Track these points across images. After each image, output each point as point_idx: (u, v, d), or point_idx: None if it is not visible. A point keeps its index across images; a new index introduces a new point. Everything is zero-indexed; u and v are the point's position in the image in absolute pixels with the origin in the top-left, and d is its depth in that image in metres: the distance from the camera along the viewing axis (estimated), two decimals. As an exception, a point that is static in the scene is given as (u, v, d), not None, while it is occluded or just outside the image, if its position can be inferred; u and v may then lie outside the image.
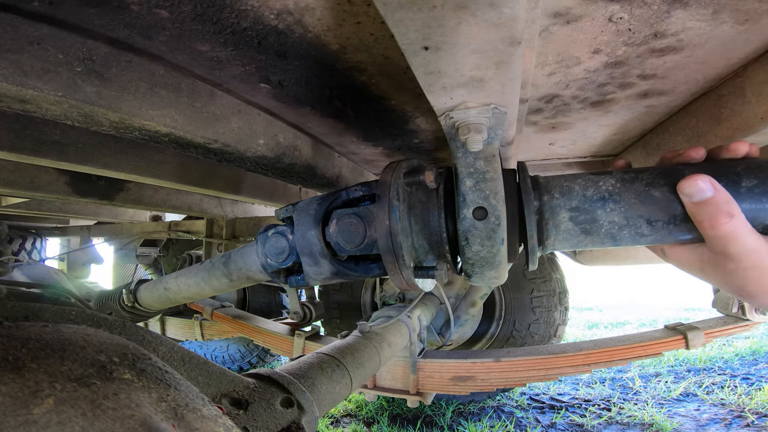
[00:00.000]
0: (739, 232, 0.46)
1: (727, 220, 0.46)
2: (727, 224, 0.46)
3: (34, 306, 0.45)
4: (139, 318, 1.43)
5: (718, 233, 0.47)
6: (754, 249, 0.46)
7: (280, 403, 0.62)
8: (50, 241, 3.23)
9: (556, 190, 0.58)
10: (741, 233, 0.46)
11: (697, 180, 0.48)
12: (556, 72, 0.78)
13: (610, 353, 1.52)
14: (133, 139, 0.71)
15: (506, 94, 0.48)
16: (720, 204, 0.47)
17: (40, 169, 1.35)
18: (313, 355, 0.89)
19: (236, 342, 3.04)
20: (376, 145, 1.25)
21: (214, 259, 0.91)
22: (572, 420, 2.50)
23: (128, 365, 0.37)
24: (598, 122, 1.09)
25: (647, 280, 7.08)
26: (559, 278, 2.27)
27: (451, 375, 1.58)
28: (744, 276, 0.48)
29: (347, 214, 0.65)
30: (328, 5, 0.54)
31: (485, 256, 0.57)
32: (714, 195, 0.48)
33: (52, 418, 0.28)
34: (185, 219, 2.62)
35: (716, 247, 0.49)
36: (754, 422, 2.35)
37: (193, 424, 0.35)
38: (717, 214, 0.47)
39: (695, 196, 0.48)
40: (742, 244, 0.46)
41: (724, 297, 1.62)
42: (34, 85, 0.52)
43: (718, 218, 0.47)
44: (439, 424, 2.49)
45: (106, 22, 0.56)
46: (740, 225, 0.47)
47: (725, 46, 0.69)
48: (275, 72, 0.74)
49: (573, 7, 0.57)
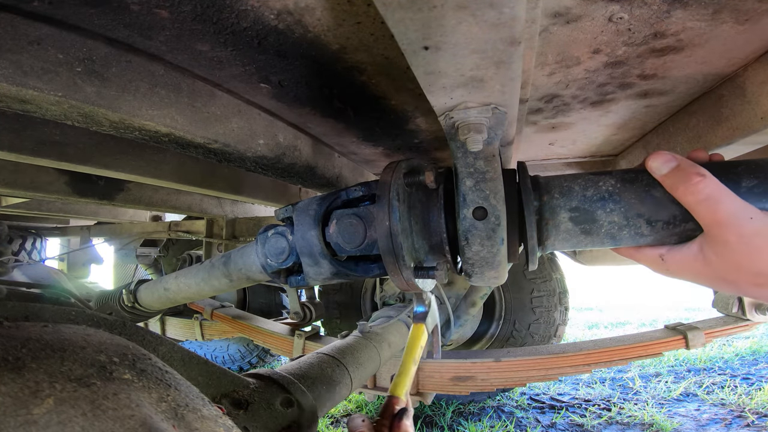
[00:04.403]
0: (720, 192, 0.47)
1: (700, 179, 0.48)
2: (701, 182, 0.48)
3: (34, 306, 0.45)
4: (139, 318, 1.43)
5: (698, 197, 0.48)
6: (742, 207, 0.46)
7: (280, 403, 0.62)
8: (50, 241, 3.23)
9: (556, 190, 0.58)
10: (721, 192, 0.47)
11: (660, 153, 0.52)
12: (556, 72, 0.78)
13: (610, 353, 1.52)
14: (133, 139, 0.71)
15: (506, 94, 0.48)
16: (686, 167, 0.50)
17: (40, 169, 1.35)
18: (313, 355, 0.89)
19: (236, 342, 3.04)
20: (376, 145, 1.25)
21: (214, 259, 0.91)
22: (572, 420, 2.50)
23: (128, 365, 0.37)
24: (598, 122, 1.09)
25: (647, 280, 7.08)
26: (559, 278, 2.27)
27: (451, 375, 1.58)
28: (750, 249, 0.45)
29: (347, 214, 0.65)
30: (328, 5, 0.54)
31: (485, 256, 0.57)
32: (679, 162, 0.50)
33: (52, 418, 0.28)
34: (185, 219, 2.62)
35: (706, 218, 0.48)
36: (754, 422, 2.35)
37: (193, 424, 0.35)
38: (687, 176, 0.49)
39: (663, 168, 0.51)
40: (727, 203, 0.46)
41: (724, 297, 1.61)
42: (34, 85, 0.52)
43: (690, 178, 0.48)
44: (439, 424, 2.49)
45: (106, 22, 0.56)
46: (717, 185, 0.48)
47: (725, 46, 0.69)
48: (275, 72, 0.74)
49: (573, 7, 0.57)
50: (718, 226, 0.47)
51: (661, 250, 0.56)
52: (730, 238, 0.46)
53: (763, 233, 0.45)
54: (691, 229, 0.52)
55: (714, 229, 0.48)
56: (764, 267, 0.46)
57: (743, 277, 0.48)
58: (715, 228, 0.48)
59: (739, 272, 0.48)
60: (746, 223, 0.45)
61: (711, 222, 0.48)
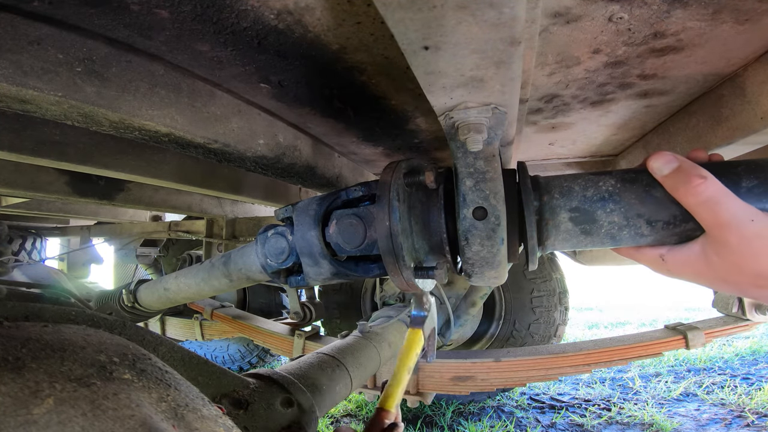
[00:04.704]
0: (721, 193, 0.47)
1: (701, 181, 0.48)
2: (702, 184, 0.48)
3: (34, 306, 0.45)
4: (139, 318, 1.43)
5: (699, 198, 0.48)
6: (743, 209, 0.46)
7: (280, 403, 0.62)
8: (50, 241, 3.23)
9: (556, 190, 0.58)
10: (723, 194, 0.47)
11: (662, 154, 0.51)
12: (556, 72, 0.78)
13: (610, 353, 1.52)
14: (133, 139, 0.71)
15: (506, 94, 0.48)
16: (688, 169, 0.49)
17: (40, 169, 1.35)
18: (313, 355, 0.89)
19: (236, 342, 3.04)
20: (376, 145, 1.25)
21: (214, 259, 0.91)
22: (572, 420, 2.50)
23: (128, 365, 0.37)
24: (598, 122, 1.09)
25: (647, 280, 7.08)
26: (559, 278, 2.27)
27: (451, 375, 1.58)
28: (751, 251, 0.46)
29: (347, 214, 0.65)
30: (328, 5, 0.54)
31: (485, 256, 0.57)
32: (680, 163, 0.50)
33: (52, 418, 0.28)
34: (185, 219, 2.62)
35: (707, 219, 0.48)
36: (754, 422, 2.35)
37: (193, 424, 0.35)
38: (689, 177, 0.49)
39: (664, 168, 0.51)
40: (728, 205, 0.46)
41: (724, 297, 1.61)
42: (34, 85, 0.52)
43: (691, 180, 0.48)
44: (439, 424, 2.49)
45: (106, 22, 0.56)
46: (718, 186, 0.48)
47: (725, 46, 0.69)
48: (275, 72, 0.74)
49: (573, 7, 0.57)
50: (720, 228, 0.47)
51: (661, 250, 0.55)
52: (731, 240, 0.46)
53: (764, 235, 0.45)
54: (691, 229, 0.52)
55: (715, 230, 0.48)
56: (765, 269, 0.46)
57: (744, 279, 0.48)
58: (716, 230, 0.48)
59: (740, 274, 0.48)
60: (747, 226, 0.45)
61: (712, 224, 0.48)
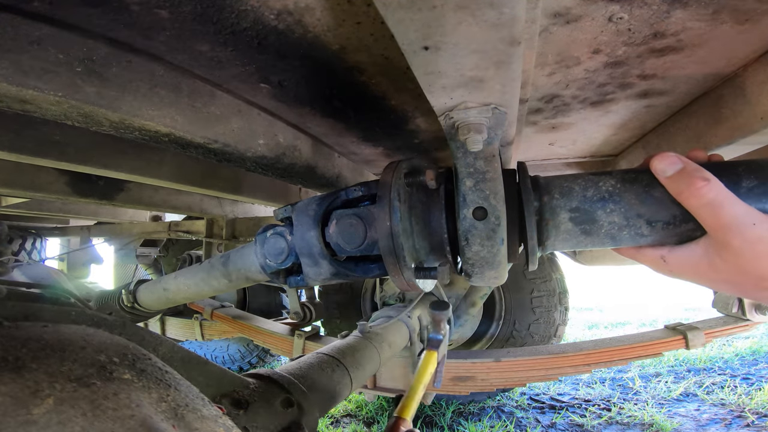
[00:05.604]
0: (723, 196, 0.47)
1: (704, 183, 0.48)
2: (705, 187, 0.48)
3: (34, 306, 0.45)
4: (138, 318, 1.43)
5: (702, 201, 0.48)
6: (746, 212, 0.46)
7: (280, 404, 0.62)
8: (50, 241, 3.23)
9: (556, 190, 0.58)
10: (725, 197, 0.47)
11: (666, 155, 0.51)
12: (556, 72, 0.78)
13: (610, 353, 1.52)
14: (133, 139, 0.71)
15: (506, 94, 0.48)
16: (691, 171, 0.49)
17: (40, 169, 1.35)
18: (313, 355, 0.89)
19: (236, 342, 3.04)
20: (376, 145, 1.25)
21: (213, 259, 0.91)
22: (572, 420, 2.50)
23: (128, 365, 0.37)
24: (598, 122, 1.09)
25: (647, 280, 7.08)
26: (559, 278, 2.27)
27: (451, 375, 1.58)
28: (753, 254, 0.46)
29: (347, 214, 0.65)
30: (328, 5, 0.54)
31: (485, 256, 0.57)
32: (684, 165, 0.50)
33: (52, 418, 0.28)
34: (185, 219, 2.62)
35: (709, 222, 0.48)
36: (754, 422, 2.35)
37: (193, 424, 0.35)
38: (692, 180, 0.49)
39: (668, 170, 0.51)
40: (731, 208, 0.47)
41: (724, 297, 1.61)
42: (34, 85, 0.52)
43: (695, 182, 0.48)
44: (439, 424, 2.49)
45: (106, 22, 0.56)
46: (721, 189, 0.48)
47: (725, 46, 0.69)
48: (275, 72, 0.74)
49: (573, 7, 0.57)
50: (722, 230, 0.47)
51: (662, 250, 0.56)
52: (734, 243, 0.47)
53: (766, 239, 0.45)
54: (691, 229, 0.52)
55: (717, 233, 0.48)
56: (767, 272, 0.46)
57: (746, 281, 0.49)
58: (718, 232, 0.48)
59: (742, 276, 0.48)
60: (749, 229, 0.46)
61: (714, 226, 0.48)
